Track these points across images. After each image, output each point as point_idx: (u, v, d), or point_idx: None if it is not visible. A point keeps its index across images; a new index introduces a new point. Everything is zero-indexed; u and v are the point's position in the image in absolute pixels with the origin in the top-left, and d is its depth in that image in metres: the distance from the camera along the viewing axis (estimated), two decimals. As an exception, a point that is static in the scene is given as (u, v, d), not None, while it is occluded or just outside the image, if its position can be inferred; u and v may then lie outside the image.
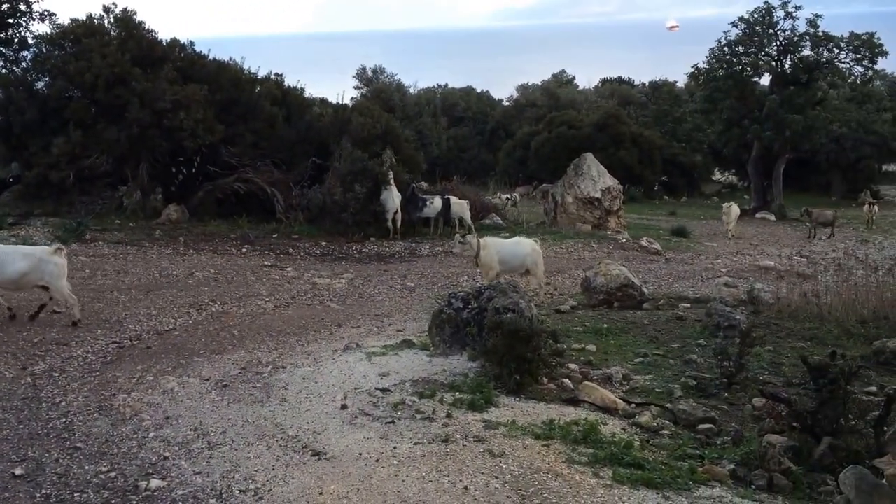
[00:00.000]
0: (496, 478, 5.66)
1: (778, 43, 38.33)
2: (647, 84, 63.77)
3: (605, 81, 68.58)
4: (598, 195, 25.79)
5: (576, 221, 25.57)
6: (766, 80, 40.09)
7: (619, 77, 69.21)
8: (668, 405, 7.42)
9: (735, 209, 27.36)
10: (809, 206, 29.65)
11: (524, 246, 13.75)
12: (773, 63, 38.88)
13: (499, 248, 13.50)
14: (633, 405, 7.48)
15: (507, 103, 62.85)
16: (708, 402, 7.58)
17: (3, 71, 27.34)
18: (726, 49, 38.88)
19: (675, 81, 59.86)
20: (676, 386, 8.03)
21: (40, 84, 23.43)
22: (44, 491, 5.69)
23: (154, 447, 6.46)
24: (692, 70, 41.17)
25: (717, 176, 58.30)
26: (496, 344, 7.73)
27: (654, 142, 44.94)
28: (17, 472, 5.97)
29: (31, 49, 26.57)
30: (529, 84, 65.51)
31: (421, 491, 5.47)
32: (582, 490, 5.51)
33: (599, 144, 39.66)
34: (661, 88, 59.24)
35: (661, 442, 6.60)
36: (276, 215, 22.38)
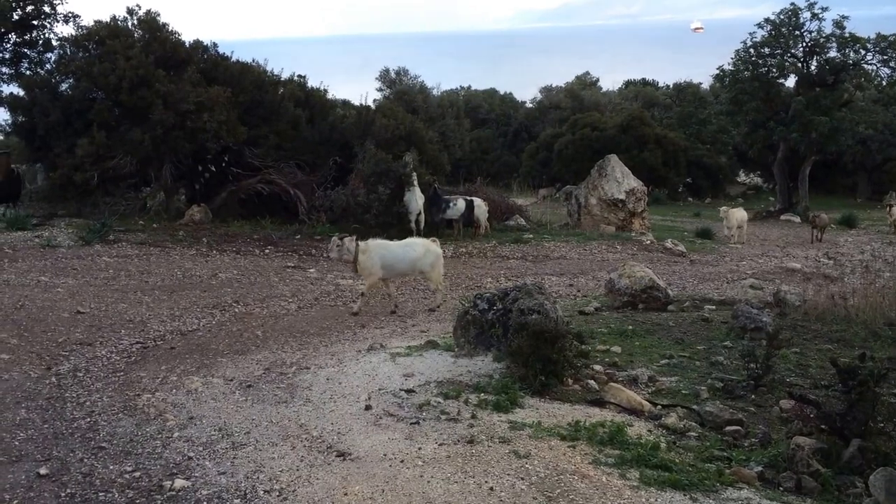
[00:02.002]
0: (522, 479, 5.63)
1: (804, 44, 37.92)
2: (671, 86, 63.40)
3: (628, 83, 68.27)
4: (622, 197, 25.67)
5: (600, 223, 25.47)
6: (791, 81, 39.69)
7: (643, 79, 68.90)
8: (695, 407, 7.33)
9: (736, 214, 26.32)
10: (815, 212, 28.84)
11: (416, 248, 12.89)
12: (799, 65, 38.48)
13: (383, 251, 12.61)
14: (660, 407, 7.40)
15: (531, 105, 62.76)
16: (735, 404, 7.48)
17: (28, 72, 27.58)
18: (752, 50, 38.51)
19: (700, 83, 59.50)
20: (703, 387, 7.94)
21: (64, 86, 23.51)
22: (69, 490, 5.72)
23: (178, 447, 6.47)
24: (717, 72, 40.83)
25: (742, 178, 57.88)
26: (521, 345, 7.69)
27: (679, 143, 44.70)
28: (42, 471, 5.99)
29: (56, 51, 26.76)
30: (553, 86, 65.32)
31: (446, 492, 5.44)
32: (609, 491, 5.46)
33: (623, 146, 39.56)
34: (685, 90, 58.86)
35: (688, 444, 6.53)
36: (298, 216, 22.43)
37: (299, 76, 27.30)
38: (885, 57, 37.40)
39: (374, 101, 38.22)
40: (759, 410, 7.44)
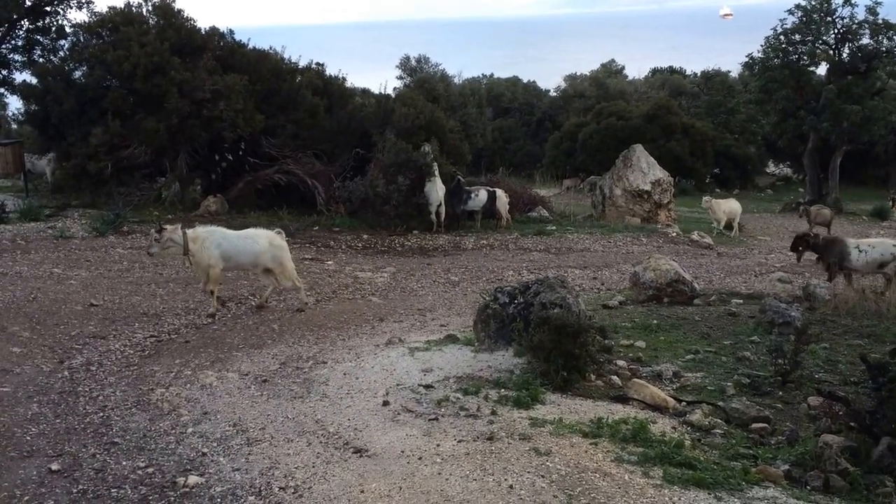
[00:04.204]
0: (542, 477, 5.54)
1: (836, 31, 37.27)
2: (699, 74, 62.62)
3: (655, 71, 67.53)
4: (647, 188, 25.37)
5: (624, 215, 25.20)
6: (822, 69, 38.98)
7: (670, 67, 68.11)
8: (721, 403, 7.22)
9: (722, 205, 25.21)
10: (807, 205, 27.74)
11: (258, 240, 11.69)
12: (831, 52, 37.80)
13: (220, 241, 11.36)
14: (684, 403, 7.30)
15: (555, 94, 62.22)
16: (762, 401, 7.37)
17: (41, 60, 27.44)
18: (782, 37, 37.86)
19: (729, 71, 58.60)
20: (729, 384, 7.81)
21: (78, 73, 23.28)
22: (80, 486, 5.71)
23: (192, 443, 6.45)
24: (746, 59, 40.22)
25: (772, 168, 57.00)
26: (543, 340, 7.58)
27: (706, 133, 44.11)
28: (54, 466, 5.99)
29: (69, 38, 26.72)
30: (577, 74, 64.79)
31: (465, 490, 5.36)
32: (631, 490, 5.37)
33: (649, 136, 39.09)
34: (713, 78, 58.01)
35: (713, 441, 6.44)
36: (316, 207, 22.26)
37: (317, 64, 26.91)
38: (919, 44, 36.64)
39: (395, 89, 37.98)
40: (787, 407, 7.32)
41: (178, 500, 5.47)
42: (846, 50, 37.45)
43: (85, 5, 28.02)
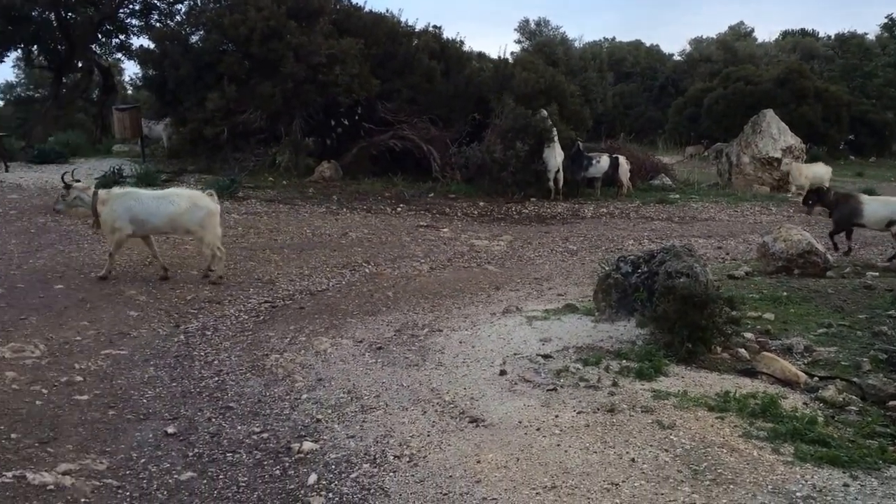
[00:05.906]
0: (666, 451, 5.34)
1: None
2: (833, 37, 59.46)
3: (786, 34, 64.65)
4: (777, 155, 24.29)
5: (752, 183, 24.25)
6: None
7: (802, 29, 65.10)
8: (856, 379, 6.81)
9: (804, 170, 22.96)
10: None
11: (178, 200, 10.68)
12: (981, 8, 35.14)
13: (132, 205, 10.51)
14: (817, 378, 6.92)
15: (679, 58, 60.46)
16: (900, 378, 6.89)
17: (158, 25, 27.85)
18: (925, -5, 35.47)
19: (866, 33, 55.50)
20: (864, 359, 7.35)
21: (195, 38, 23.38)
22: (196, 450, 5.79)
23: (306, 409, 6.48)
24: (885, 21, 37.95)
25: (911, 136, 53.75)
26: (667, 310, 7.29)
27: (841, 98, 41.82)
28: (170, 430, 6.09)
29: (186, 2, 27.23)
30: (704, 37, 62.67)
31: (584, 462, 5.22)
32: (760, 466, 5.12)
33: (779, 101, 37.38)
34: (849, 41, 54.96)
35: (848, 418, 6.08)
36: (432, 174, 22.13)
37: (434, 27, 26.60)
38: None
39: (512, 53, 37.48)
40: (927, 385, 6.84)
41: (293, 466, 5.50)
42: None
43: (202, -31, 28.40)
